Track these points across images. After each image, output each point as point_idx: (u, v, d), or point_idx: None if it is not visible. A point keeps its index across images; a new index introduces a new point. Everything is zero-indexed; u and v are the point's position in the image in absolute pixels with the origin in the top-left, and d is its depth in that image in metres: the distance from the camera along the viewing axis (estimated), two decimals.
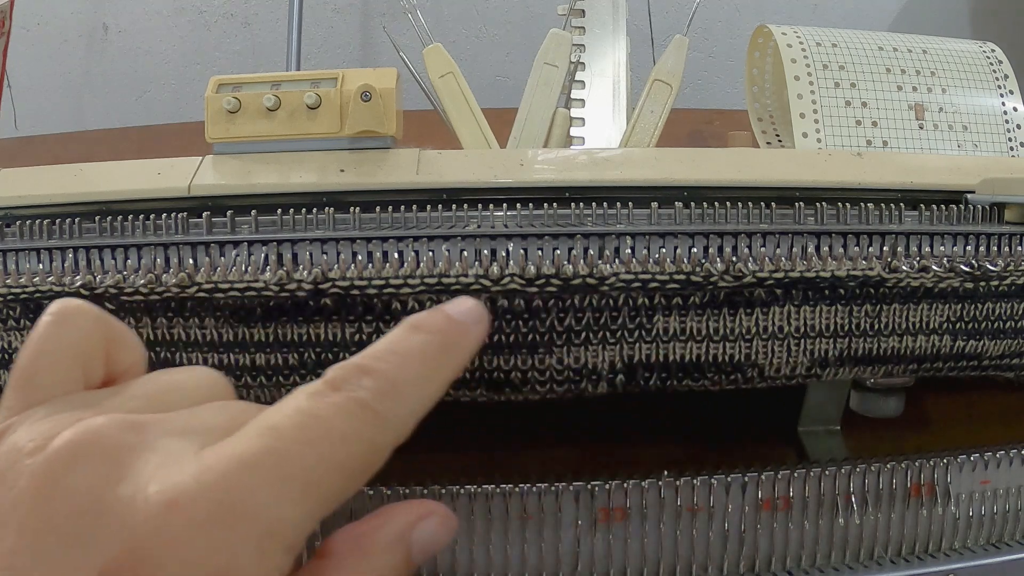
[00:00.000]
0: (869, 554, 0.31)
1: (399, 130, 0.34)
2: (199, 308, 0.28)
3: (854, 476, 0.31)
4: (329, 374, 0.21)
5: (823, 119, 0.40)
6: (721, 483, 0.30)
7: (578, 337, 0.29)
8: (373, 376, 0.21)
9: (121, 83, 1.28)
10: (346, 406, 0.20)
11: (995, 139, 0.41)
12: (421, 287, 0.28)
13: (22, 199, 0.32)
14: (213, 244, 0.29)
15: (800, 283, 0.29)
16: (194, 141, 0.35)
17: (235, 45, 1.28)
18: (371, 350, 0.22)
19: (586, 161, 0.35)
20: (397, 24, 0.55)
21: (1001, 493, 0.32)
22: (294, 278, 0.28)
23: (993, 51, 0.44)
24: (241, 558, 0.18)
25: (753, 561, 0.30)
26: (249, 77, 0.35)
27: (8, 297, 0.28)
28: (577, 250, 0.29)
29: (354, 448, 0.20)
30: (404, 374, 0.21)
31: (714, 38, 1.27)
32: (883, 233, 0.31)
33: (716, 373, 0.31)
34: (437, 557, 0.29)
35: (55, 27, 1.26)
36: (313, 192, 0.32)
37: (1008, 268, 0.30)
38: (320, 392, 0.20)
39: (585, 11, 0.45)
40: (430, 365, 0.22)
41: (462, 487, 0.29)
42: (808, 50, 0.42)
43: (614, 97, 0.44)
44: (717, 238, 0.30)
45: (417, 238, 0.29)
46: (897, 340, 0.31)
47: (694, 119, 0.76)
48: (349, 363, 0.21)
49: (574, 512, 0.29)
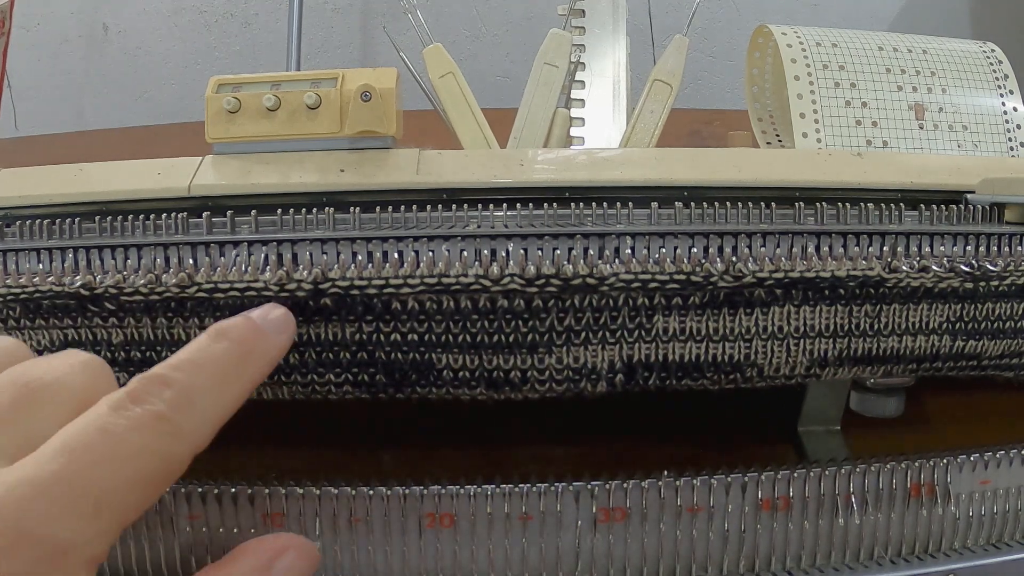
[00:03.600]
0: (869, 554, 0.31)
1: (399, 130, 0.34)
2: (199, 308, 0.28)
3: (854, 476, 0.31)
4: (131, 385, 0.21)
5: (823, 119, 0.40)
6: (721, 483, 0.30)
7: (578, 337, 0.29)
8: (172, 387, 0.22)
9: (121, 83, 1.28)
10: (142, 419, 0.21)
11: (995, 139, 0.41)
12: (421, 287, 0.28)
13: (22, 199, 0.32)
14: (213, 244, 0.29)
15: (800, 283, 0.29)
16: (194, 141, 0.35)
17: (235, 45, 1.28)
18: (173, 359, 0.23)
19: (586, 161, 0.35)
20: (397, 24, 0.55)
21: (1001, 493, 0.32)
22: (294, 278, 0.28)
23: (993, 51, 0.44)
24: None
25: (753, 561, 0.30)
26: (249, 77, 0.35)
27: (8, 297, 0.28)
28: (577, 250, 0.29)
29: (149, 462, 0.21)
30: (202, 384, 0.22)
31: (714, 38, 1.27)
32: (883, 233, 0.31)
33: (716, 373, 0.31)
34: (438, 558, 0.29)
35: (55, 27, 1.26)
36: (313, 192, 0.32)
37: (1008, 268, 0.30)
38: (120, 405, 0.21)
39: (585, 11, 0.45)
40: (229, 374, 0.23)
41: (462, 487, 0.29)
42: (808, 50, 0.42)
43: (614, 97, 0.44)
44: (717, 238, 0.30)
45: (417, 238, 0.29)
46: (897, 340, 0.31)
47: (694, 119, 0.76)
48: (150, 373, 0.22)
49: (574, 512, 0.29)
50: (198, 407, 0.22)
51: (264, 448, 0.36)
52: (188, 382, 0.22)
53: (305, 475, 0.28)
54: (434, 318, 0.28)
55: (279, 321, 0.26)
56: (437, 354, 0.29)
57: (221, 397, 0.23)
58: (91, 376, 0.23)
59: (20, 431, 0.21)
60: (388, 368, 0.29)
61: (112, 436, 0.20)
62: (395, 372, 0.29)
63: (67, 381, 0.22)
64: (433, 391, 0.30)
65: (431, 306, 0.28)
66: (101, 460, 0.20)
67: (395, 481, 0.29)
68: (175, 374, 0.22)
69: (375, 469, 0.34)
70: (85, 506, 0.20)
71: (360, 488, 0.28)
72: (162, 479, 0.21)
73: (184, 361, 0.23)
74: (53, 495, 0.19)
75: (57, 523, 0.19)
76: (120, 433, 0.20)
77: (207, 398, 0.22)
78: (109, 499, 0.20)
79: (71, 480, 0.20)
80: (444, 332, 0.29)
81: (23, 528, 0.19)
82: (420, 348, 0.29)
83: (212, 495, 0.27)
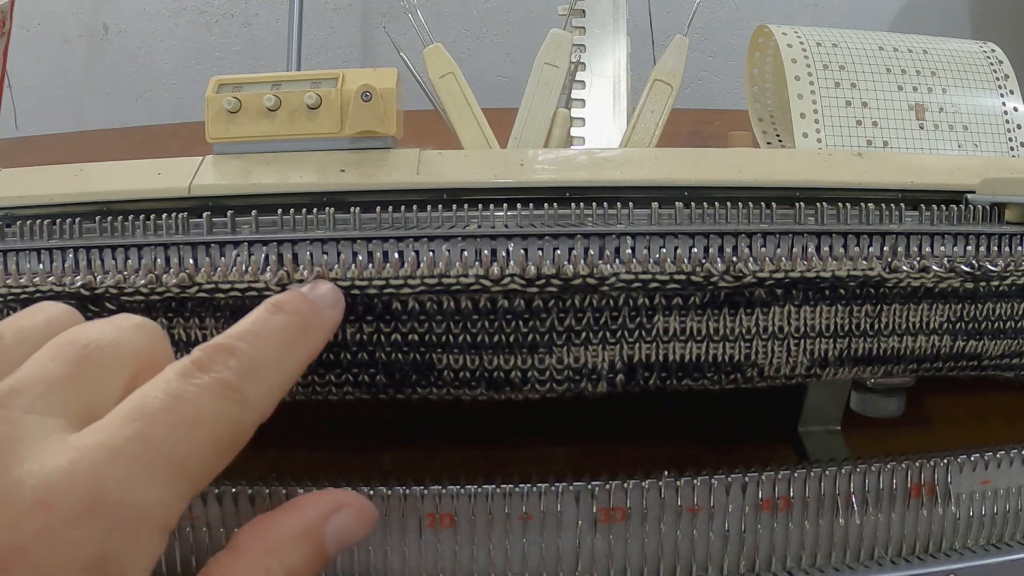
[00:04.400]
0: (869, 554, 0.31)
1: (399, 130, 0.34)
2: (199, 308, 0.28)
3: (854, 476, 0.31)
4: (196, 354, 0.21)
5: (823, 119, 0.40)
6: (721, 483, 0.30)
7: (578, 337, 0.29)
8: (237, 356, 0.21)
9: (121, 83, 1.28)
10: (212, 387, 0.21)
11: (995, 139, 0.41)
12: (421, 287, 0.28)
13: (22, 199, 0.32)
14: (213, 244, 0.29)
15: (800, 283, 0.29)
16: (194, 141, 0.35)
17: (235, 45, 1.28)
18: (234, 330, 0.22)
19: (586, 161, 0.35)
20: (397, 24, 0.55)
21: (1001, 493, 0.32)
22: (294, 278, 0.28)
23: (993, 51, 0.44)
24: (115, 545, 0.18)
25: (753, 561, 0.30)
26: (249, 77, 0.35)
27: (8, 297, 0.28)
28: (577, 250, 0.29)
29: (220, 428, 0.21)
30: (265, 354, 0.22)
31: (714, 38, 1.27)
32: (883, 233, 0.31)
33: (716, 373, 0.31)
34: (438, 558, 0.29)
35: (55, 27, 1.26)
36: (313, 192, 0.32)
37: (1008, 268, 0.30)
38: (188, 372, 0.21)
39: (585, 11, 0.45)
40: (289, 346, 0.23)
41: (462, 487, 0.29)
42: (808, 50, 0.42)
43: (614, 97, 0.44)
44: (717, 238, 0.30)
45: (417, 238, 0.29)
46: (897, 340, 0.31)
47: (694, 119, 0.76)
48: (215, 343, 0.22)
49: (574, 512, 0.29)
50: (263, 377, 0.22)
51: (264, 448, 0.36)
52: (252, 352, 0.22)
53: (305, 475, 0.28)
54: (434, 318, 0.28)
55: (329, 295, 0.25)
56: (437, 354, 0.29)
57: (283, 368, 0.23)
58: (147, 337, 0.23)
59: (84, 394, 0.21)
60: (388, 368, 0.29)
61: (185, 402, 0.20)
62: (395, 372, 0.29)
63: (124, 342, 0.22)
64: (433, 391, 0.30)
65: (431, 306, 0.28)
66: (176, 425, 0.20)
67: (395, 481, 0.29)
68: (239, 344, 0.22)
69: (375, 469, 0.34)
70: (161, 471, 0.19)
71: (360, 488, 0.28)
72: (231, 447, 0.21)
73: (246, 332, 0.22)
74: (129, 460, 0.19)
75: (133, 488, 0.19)
76: (192, 399, 0.20)
77: (270, 369, 0.22)
78: (184, 464, 0.20)
79: (146, 445, 0.19)
80: (444, 332, 0.29)
81: (98, 494, 0.18)
82: (420, 348, 0.29)
83: (212, 495, 0.27)
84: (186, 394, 0.20)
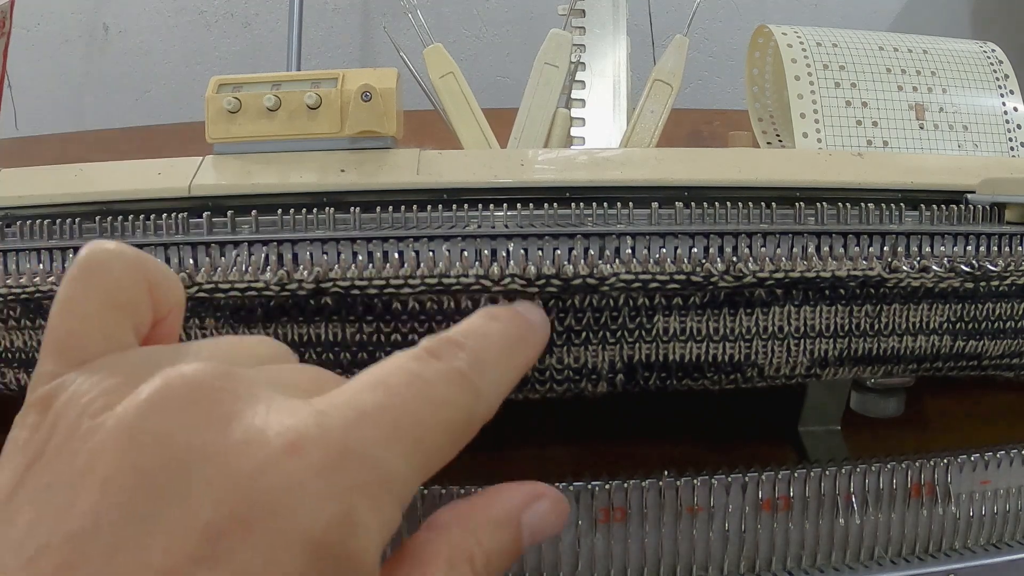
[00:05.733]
0: (869, 554, 0.31)
1: (399, 130, 0.34)
2: (199, 308, 0.28)
3: (854, 476, 0.31)
4: (425, 343, 0.21)
5: (823, 119, 0.40)
6: (721, 483, 0.30)
7: (578, 337, 0.29)
8: (466, 350, 0.21)
9: (121, 83, 1.27)
10: (449, 374, 0.20)
11: (995, 139, 0.41)
12: (421, 287, 0.28)
13: (22, 199, 0.32)
14: (213, 244, 0.29)
15: (800, 283, 0.29)
16: (194, 141, 0.35)
17: (235, 45, 1.28)
18: (458, 329, 0.22)
19: (586, 161, 0.35)
20: (397, 24, 0.55)
21: (1001, 493, 0.32)
22: (294, 278, 0.28)
23: (993, 51, 0.44)
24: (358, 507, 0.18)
25: (753, 561, 0.30)
26: (249, 77, 0.35)
27: (8, 297, 0.28)
28: (577, 250, 0.29)
29: (456, 414, 0.20)
30: (491, 354, 0.22)
31: (714, 38, 1.27)
32: (883, 233, 0.31)
33: (716, 373, 0.31)
34: None
35: (55, 27, 1.26)
36: (313, 192, 0.32)
37: (1008, 268, 0.30)
38: (422, 357, 0.20)
39: (585, 11, 0.45)
40: (511, 350, 0.23)
41: (462, 487, 0.29)
42: (808, 50, 0.42)
43: (614, 97, 0.44)
44: (717, 238, 0.30)
45: (417, 238, 0.29)
46: (897, 340, 0.31)
47: (694, 119, 0.76)
48: (443, 336, 0.21)
49: (574, 512, 0.29)
50: (489, 374, 0.21)
51: None
52: (479, 348, 0.21)
53: None
54: (435, 318, 0.28)
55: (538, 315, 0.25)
56: None
57: (506, 370, 0.22)
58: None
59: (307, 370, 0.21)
60: None
61: (425, 381, 0.20)
62: None
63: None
64: None
65: (431, 306, 0.28)
66: (418, 400, 0.19)
67: None
68: (467, 339, 0.21)
69: None
70: (404, 442, 0.19)
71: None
72: (463, 435, 0.20)
73: (470, 331, 0.22)
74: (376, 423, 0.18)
75: (383, 447, 0.18)
76: (431, 380, 0.20)
77: (496, 368, 0.22)
78: (423, 440, 0.19)
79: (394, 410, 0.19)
80: None
81: (349, 446, 0.18)
82: None
83: None
84: (426, 374, 0.20)
